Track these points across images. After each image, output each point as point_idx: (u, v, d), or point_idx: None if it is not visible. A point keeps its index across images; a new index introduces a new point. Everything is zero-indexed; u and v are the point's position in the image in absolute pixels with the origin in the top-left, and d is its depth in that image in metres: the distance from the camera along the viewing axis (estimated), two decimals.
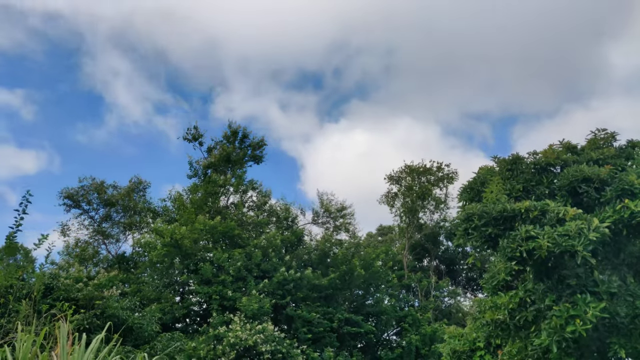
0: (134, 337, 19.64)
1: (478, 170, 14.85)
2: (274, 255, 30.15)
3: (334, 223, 37.94)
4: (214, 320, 26.10)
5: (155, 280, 30.67)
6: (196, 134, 36.74)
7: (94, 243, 37.05)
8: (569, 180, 12.42)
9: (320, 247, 33.23)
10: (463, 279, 45.42)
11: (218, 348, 23.43)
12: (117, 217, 37.27)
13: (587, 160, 13.33)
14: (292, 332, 28.13)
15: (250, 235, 32.68)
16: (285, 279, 28.75)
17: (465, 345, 14.57)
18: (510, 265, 11.20)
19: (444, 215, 41.67)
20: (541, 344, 10.84)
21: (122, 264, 35.84)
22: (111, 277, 26.81)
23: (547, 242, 10.48)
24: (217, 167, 35.67)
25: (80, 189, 35.53)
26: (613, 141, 14.24)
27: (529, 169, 13.85)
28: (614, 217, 11.34)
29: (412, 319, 32.60)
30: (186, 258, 29.97)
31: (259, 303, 26.10)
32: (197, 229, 29.72)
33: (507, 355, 13.02)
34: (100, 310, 17.96)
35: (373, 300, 33.37)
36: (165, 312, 27.16)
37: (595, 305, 10.33)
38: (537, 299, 11.46)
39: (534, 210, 11.41)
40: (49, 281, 17.53)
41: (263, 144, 37.28)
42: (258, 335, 23.97)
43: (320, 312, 29.22)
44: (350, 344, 30.96)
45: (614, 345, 10.73)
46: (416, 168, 40.19)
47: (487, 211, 11.70)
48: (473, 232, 11.90)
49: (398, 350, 31.02)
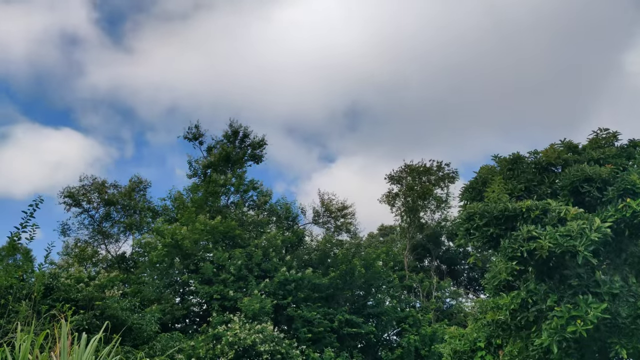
0: (133, 337, 19.59)
1: (479, 170, 14.82)
2: (275, 255, 30.12)
3: (335, 223, 37.91)
4: (214, 320, 26.07)
5: (155, 280, 30.61)
6: (196, 133, 36.73)
7: (94, 243, 37.03)
8: (571, 179, 12.39)
9: (320, 248, 33.18)
10: (464, 278, 45.34)
11: (217, 347, 23.39)
12: (117, 216, 37.25)
13: (588, 159, 13.29)
14: (292, 332, 28.08)
15: (251, 236, 32.62)
16: (287, 279, 28.72)
17: (466, 346, 14.55)
18: (511, 265, 11.17)
19: (445, 215, 41.65)
20: (542, 344, 10.80)
21: (122, 264, 35.81)
22: (112, 277, 26.77)
23: (549, 242, 10.45)
24: (217, 167, 35.63)
25: (81, 187, 35.53)
26: (614, 141, 14.21)
27: (530, 168, 13.82)
28: (615, 216, 11.31)
29: (413, 320, 32.54)
30: (186, 258, 29.93)
31: (260, 303, 26.06)
32: (197, 229, 29.67)
33: (508, 356, 12.98)
34: (100, 310, 17.92)
35: (374, 302, 33.31)
36: (165, 313, 27.11)
37: (597, 306, 10.29)
38: (539, 299, 11.42)
39: (536, 209, 11.38)
40: (48, 281, 17.48)
41: (264, 144, 37.23)
42: (257, 334, 23.93)
43: (321, 312, 29.17)
44: (350, 344, 30.90)
45: (615, 345, 10.69)
46: (416, 167, 40.13)
47: (488, 210, 11.67)
48: (475, 232, 11.87)
49: (398, 350, 30.95)
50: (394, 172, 40.71)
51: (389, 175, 40.73)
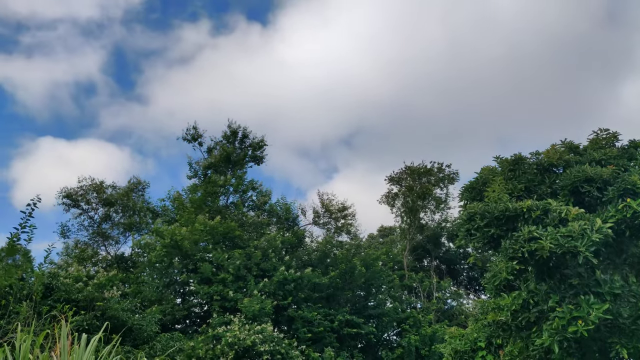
0: (133, 337, 19.56)
1: (480, 170, 14.81)
2: (274, 256, 30.09)
3: (335, 224, 37.85)
4: (214, 320, 26.04)
5: (154, 280, 30.57)
6: (195, 134, 36.67)
7: (94, 245, 36.94)
8: (572, 180, 12.38)
9: (320, 249, 33.14)
10: (464, 278, 45.32)
11: (217, 348, 23.36)
12: (117, 217, 37.18)
13: (589, 160, 13.29)
14: (292, 333, 28.05)
15: (250, 237, 32.57)
16: (286, 279, 28.68)
17: (467, 346, 14.54)
18: (511, 264, 11.16)
19: (445, 216, 41.63)
20: (543, 344, 10.79)
21: (121, 264, 35.75)
22: (111, 276, 26.71)
23: (550, 243, 10.44)
24: (217, 168, 35.58)
25: (79, 188, 35.41)
26: (615, 141, 14.21)
27: (531, 169, 13.82)
28: (616, 217, 11.29)
29: (414, 321, 32.52)
30: (185, 259, 29.89)
31: (260, 304, 26.02)
32: (197, 229, 29.64)
33: (509, 356, 12.96)
34: (100, 311, 17.89)
35: (375, 302, 33.28)
36: (165, 314, 27.07)
37: (599, 307, 10.27)
38: (540, 300, 11.41)
39: (536, 210, 11.37)
40: (48, 281, 17.44)
41: (263, 144, 37.19)
42: (257, 335, 23.91)
43: (321, 313, 29.14)
44: (350, 344, 30.87)
45: (616, 345, 10.68)
46: (416, 169, 40.12)
47: (489, 211, 11.65)
48: (475, 233, 11.85)
49: (399, 350, 30.93)
50: (394, 173, 40.75)
51: (388, 177, 40.75)
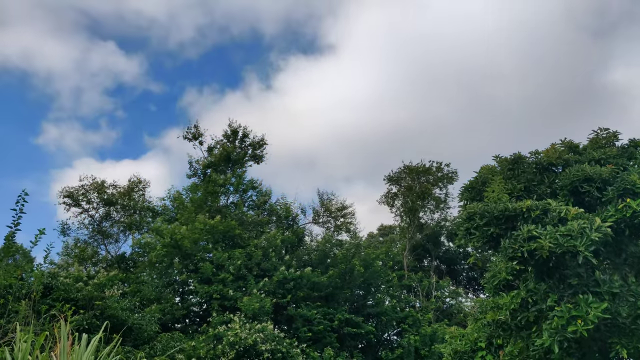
0: (133, 337, 19.56)
1: (479, 170, 14.80)
2: (274, 255, 30.10)
3: (334, 223, 37.87)
4: (214, 320, 26.04)
5: (154, 279, 30.57)
6: (196, 133, 36.67)
7: (94, 243, 36.94)
8: (571, 179, 12.38)
9: (320, 248, 33.15)
10: (464, 278, 45.36)
11: (218, 347, 23.35)
12: (117, 216, 37.17)
13: (589, 159, 13.29)
14: (292, 332, 28.06)
15: (250, 236, 32.58)
16: (285, 278, 28.70)
17: (467, 346, 14.54)
18: (511, 264, 11.17)
19: (445, 215, 41.65)
20: (543, 344, 10.79)
21: (122, 263, 35.75)
22: (111, 276, 26.71)
23: (549, 242, 10.44)
24: (217, 167, 35.57)
25: (80, 187, 35.41)
26: (615, 141, 14.21)
27: (530, 168, 13.82)
28: (616, 216, 11.30)
29: (413, 320, 32.53)
30: (186, 258, 29.89)
31: (260, 303, 26.03)
32: (197, 228, 29.63)
33: (509, 356, 12.97)
34: (100, 310, 17.88)
35: (374, 301, 33.30)
36: (165, 313, 27.07)
37: (598, 306, 10.28)
38: (539, 299, 11.42)
39: (536, 209, 11.37)
40: (47, 280, 17.43)
41: (264, 143, 37.18)
42: (257, 334, 23.91)
43: (321, 312, 29.16)
44: (350, 344, 30.89)
45: (616, 345, 10.68)
46: (415, 168, 40.12)
47: (488, 210, 11.66)
48: (475, 232, 11.85)
49: (399, 350, 30.94)
50: (392, 172, 40.76)
51: (387, 176, 40.76)
